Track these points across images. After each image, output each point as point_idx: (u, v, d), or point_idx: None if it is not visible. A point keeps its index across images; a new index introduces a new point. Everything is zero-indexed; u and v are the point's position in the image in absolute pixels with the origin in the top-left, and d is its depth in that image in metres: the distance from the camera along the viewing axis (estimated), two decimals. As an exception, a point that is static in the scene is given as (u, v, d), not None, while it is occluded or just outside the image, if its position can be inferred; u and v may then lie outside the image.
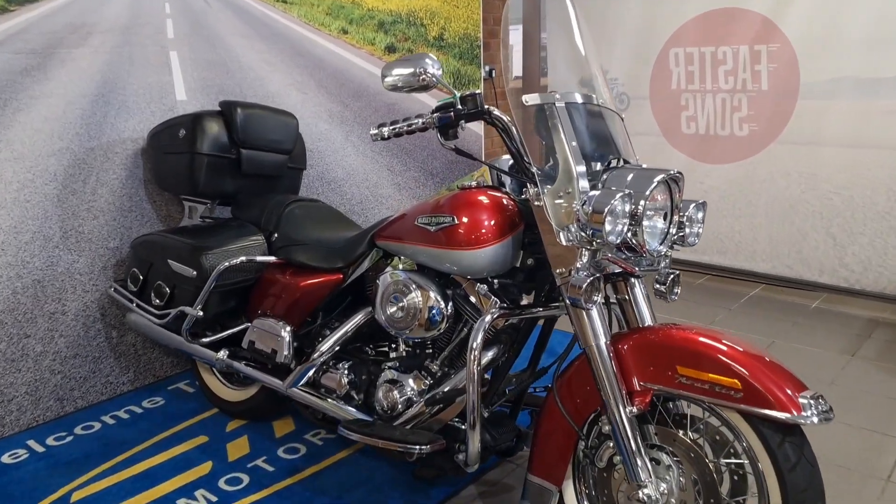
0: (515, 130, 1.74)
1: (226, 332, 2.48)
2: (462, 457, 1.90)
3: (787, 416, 1.42)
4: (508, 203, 1.85)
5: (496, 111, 1.75)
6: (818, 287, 3.96)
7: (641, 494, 1.58)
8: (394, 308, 1.99)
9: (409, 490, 2.21)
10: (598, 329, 1.64)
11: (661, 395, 1.62)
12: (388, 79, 1.70)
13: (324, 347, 2.21)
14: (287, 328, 2.31)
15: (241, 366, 2.44)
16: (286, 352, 2.28)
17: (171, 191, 2.90)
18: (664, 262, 1.74)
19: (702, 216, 1.76)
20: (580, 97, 1.75)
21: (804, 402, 1.42)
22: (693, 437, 1.61)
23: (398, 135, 1.82)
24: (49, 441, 2.58)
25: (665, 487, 1.61)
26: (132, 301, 2.66)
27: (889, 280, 3.70)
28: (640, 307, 1.77)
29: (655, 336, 1.62)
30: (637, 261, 1.68)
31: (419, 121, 1.78)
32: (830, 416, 1.43)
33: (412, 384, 2.04)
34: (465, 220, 1.83)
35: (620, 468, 1.67)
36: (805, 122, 3.86)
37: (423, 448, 1.86)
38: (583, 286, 1.57)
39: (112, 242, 2.85)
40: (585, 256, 1.63)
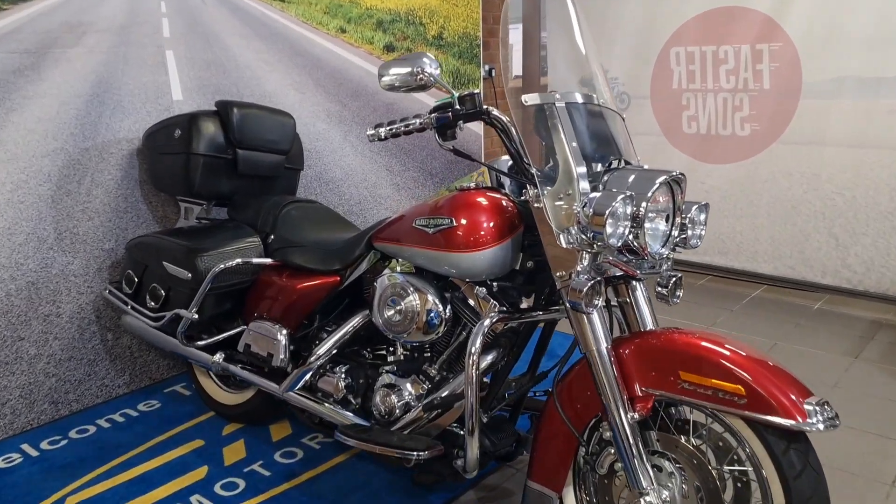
0: (515, 131, 1.71)
1: (222, 336, 2.46)
2: (461, 462, 1.88)
3: (792, 423, 1.39)
4: (508, 205, 1.82)
5: (495, 111, 1.72)
6: (820, 288, 3.93)
7: (643, 502, 1.56)
8: (391, 311, 1.97)
9: (408, 495, 2.19)
10: (599, 333, 1.61)
11: (663, 401, 1.60)
12: (385, 78, 1.67)
13: (321, 351, 2.19)
14: (283, 331, 2.28)
15: (237, 369, 2.42)
16: (282, 355, 2.26)
17: (167, 191, 2.87)
18: (666, 265, 1.71)
19: (704, 218, 1.74)
20: (580, 97, 1.73)
21: (809, 409, 1.40)
22: (696, 444, 1.59)
23: (395, 135, 1.79)
24: (43, 445, 2.55)
25: (667, 495, 1.59)
26: (127, 303, 2.64)
27: (892, 281, 3.67)
28: (642, 310, 1.75)
29: (657, 340, 1.60)
30: (638, 263, 1.66)
31: (417, 121, 1.75)
32: (836, 423, 1.40)
33: (410, 388, 2.01)
34: (464, 222, 1.80)
35: (622, 475, 1.64)
36: (807, 122, 3.84)
37: (421, 454, 1.84)
38: (583, 290, 1.54)
39: (107, 244, 2.82)
40: (586, 259, 1.61)
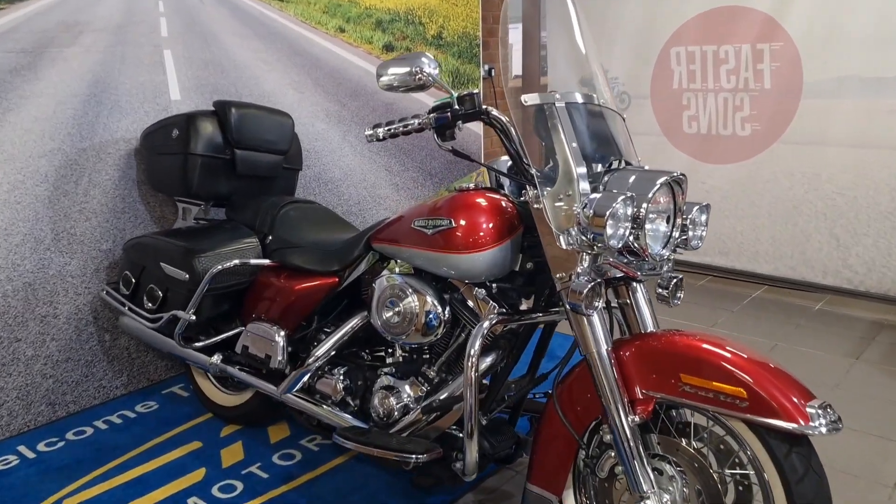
0: (514, 131, 1.69)
1: (219, 337, 2.45)
2: (460, 465, 1.86)
3: (795, 427, 1.38)
4: (507, 205, 1.81)
5: (494, 111, 1.70)
6: (821, 289, 3.92)
7: (644, 506, 1.54)
8: (390, 313, 1.95)
9: (406, 497, 2.18)
10: (599, 335, 1.60)
11: (664, 404, 1.58)
12: (384, 78, 1.66)
13: (319, 352, 2.17)
14: (281, 333, 2.26)
15: (235, 371, 2.40)
16: (280, 357, 2.25)
17: (165, 192, 2.86)
18: (667, 266, 1.70)
19: (705, 219, 1.73)
20: (581, 97, 1.71)
21: (812, 412, 1.39)
22: (697, 447, 1.57)
23: (394, 136, 1.77)
24: (40, 447, 2.54)
25: (668, 498, 1.57)
26: (124, 304, 2.62)
27: (893, 281, 3.65)
28: (642, 312, 1.73)
29: (658, 343, 1.58)
30: (639, 265, 1.64)
31: (415, 121, 1.74)
32: (839, 427, 1.39)
33: (409, 391, 2.00)
34: (463, 223, 1.79)
35: (622, 478, 1.63)
36: (808, 122, 3.82)
37: (420, 457, 1.83)
38: (583, 292, 1.52)
39: (104, 244, 2.81)
40: (586, 261, 1.59)
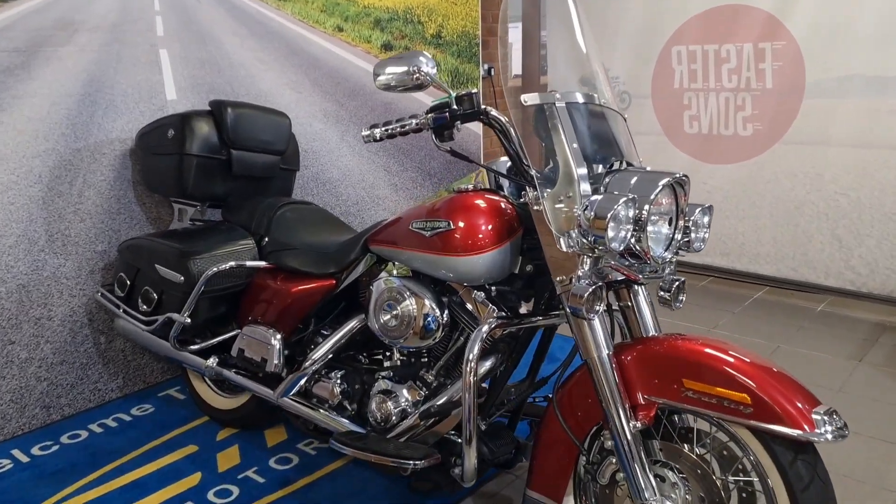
0: (514, 131, 1.66)
1: (215, 340, 2.42)
2: (458, 471, 1.83)
3: (800, 433, 1.36)
4: (506, 207, 1.78)
5: (493, 111, 1.68)
6: (824, 290, 3.89)
7: (645, 513, 1.51)
8: (387, 316, 1.93)
9: (404, 502, 2.15)
10: (600, 340, 1.57)
11: (666, 409, 1.56)
12: (381, 77, 1.63)
13: (316, 356, 2.15)
14: (277, 336, 2.24)
15: (231, 374, 2.38)
16: (276, 360, 2.22)
17: (160, 193, 2.82)
18: (669, 269, 1.67)
19: (708, 221, 1.71)
20: (581, 97, 1.68)
21: (817, 418, 1.37)
22: (699, 453, 1.55)
23: (391, 136, 1.74)
24: (34, 450, 2.51)
25: (670, 506, 1.54)
26: (119, 307, 2.60)
27: (896, 283, 3.63)
28: (644, 315, 1.71)
29: (660, 347, 1.56)
30: (640, 268, 1.61)
31: (413, 122, 1.71)
32: (845, 433, 1.37)
33: (407, 395, 1.97)
34: (462, 225, 1.76)
35: (623, 485, 1.60)
36: (811, 122, 3.79)
37: (418, 463, 1.80)
38: (584, 295, 1.50)
39: (99, 246, 2.78)
40: (587, 263, 1.57)
